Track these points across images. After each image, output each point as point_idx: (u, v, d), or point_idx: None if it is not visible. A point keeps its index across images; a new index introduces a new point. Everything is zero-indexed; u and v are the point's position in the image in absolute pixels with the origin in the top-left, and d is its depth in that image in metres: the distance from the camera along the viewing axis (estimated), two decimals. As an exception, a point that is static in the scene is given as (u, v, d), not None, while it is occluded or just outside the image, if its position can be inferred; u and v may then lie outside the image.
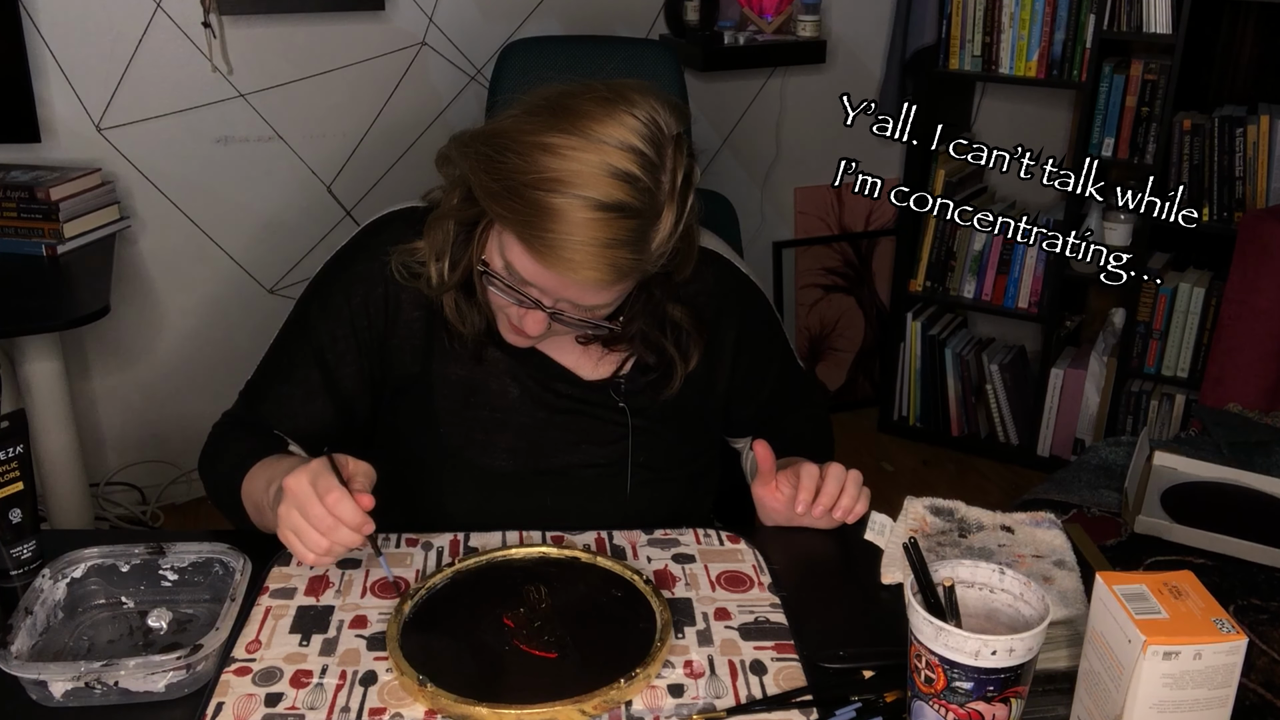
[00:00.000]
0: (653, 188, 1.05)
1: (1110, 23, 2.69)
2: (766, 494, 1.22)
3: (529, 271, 1.08)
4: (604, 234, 1.03)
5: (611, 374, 1.27)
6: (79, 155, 2.44)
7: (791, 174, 3.23)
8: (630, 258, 1.05)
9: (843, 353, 3.41)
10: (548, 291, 1.10)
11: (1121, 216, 2.85)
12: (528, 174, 1.03)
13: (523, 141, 1.05)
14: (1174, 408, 2.89)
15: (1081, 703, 0.89)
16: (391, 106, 2.70)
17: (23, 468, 1.09)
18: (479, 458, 1.25)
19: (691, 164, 1.10)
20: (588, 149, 1.03)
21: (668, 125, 1.07)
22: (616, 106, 1.05)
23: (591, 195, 1.02)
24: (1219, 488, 1.72)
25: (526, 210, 1.04)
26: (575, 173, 1.02)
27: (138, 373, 2.68)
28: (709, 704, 0.94)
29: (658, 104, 1.08)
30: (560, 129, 1.04)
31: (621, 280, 1.08)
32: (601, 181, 1.02)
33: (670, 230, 1.08)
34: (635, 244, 1.05)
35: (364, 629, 1.02)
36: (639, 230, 1.05)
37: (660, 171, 1.06)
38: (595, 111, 1.05)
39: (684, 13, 2.92)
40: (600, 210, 1.02)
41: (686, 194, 1.09)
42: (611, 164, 1.02)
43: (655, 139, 1.05)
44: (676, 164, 1.07)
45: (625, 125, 1.04)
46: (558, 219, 1.02)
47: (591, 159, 1.02)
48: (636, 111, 1.05)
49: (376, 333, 1.25)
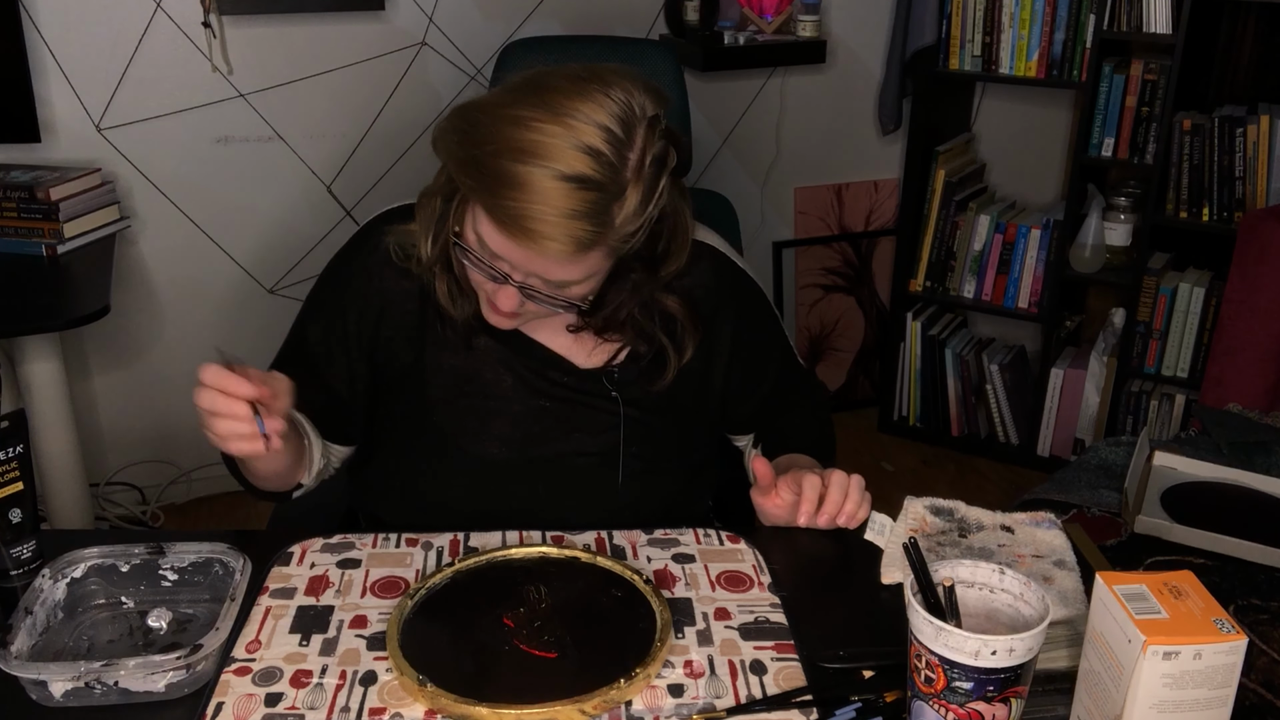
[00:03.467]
0: (617, 164, 1.06)
1: (1110, 23, 2.68)
2: (767, 502, 1.22)
3: (496, 243, 1.09)
4: (565, 204, 1.04)
5: (605, 363, 1.28)
6: (79, 155, 2.44)
7: (791, 174, 3.23)
8: (591, 230, 1.06)
9: (843, 353, 3.41)
10: (516, 265, 1.11)
11: (1121, 216, 2.86)
12: (494, 144, 1.05)
13: (495, 114, 1.07)
14: (1174, 408, 2.88)
15: (1081, 703, 0.89)
16: (391, 106, 2.70)
17: (23, 468, 1.09)
18: (472, 446, 1.26)
19: (667, 148, 1.11)
20: (555, 122, 1.04)
21: (641, 107, 1.09)
22: (589, 84, 1.07)
23: (555, 166, 1.03)
24: (1219, 488, 1.72)
25: (491, 180, 1.05)
26: (540, 144, 1.04)
27: (138, 373, 2.68)
28: (709, 704, 0.94)
29: (634, 86, 1.09)
30: (530, 103, 1.06)
31: (583, 253, 1.08)
32: (566, 153, 1.03)
33: (636, 209, 1.08)
34: (596, 216, 1.05)
35: (364, 629, 1.02)
36: (601, 203, 1.05)
37: (627, 149, 1.07)
38: (567, 88, 1.07)
39: (684, 13, 2.92)
40: (562, 180, 1.03)
41: (657, 176, 1.10)
42: (577, 138, 1.04)
43: (625, 117, 1.07)
44: (647, 144, 1.08)
45: (595, 102, 1.06)
46: (520, 188, 1.04)
47: (557, 130, 1.04)
48: (609, 90, 1.07)
49: (368, 328, 1.27)
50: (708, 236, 1.33)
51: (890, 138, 3.23)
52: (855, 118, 3.23)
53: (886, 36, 3.10)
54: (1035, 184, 3.26)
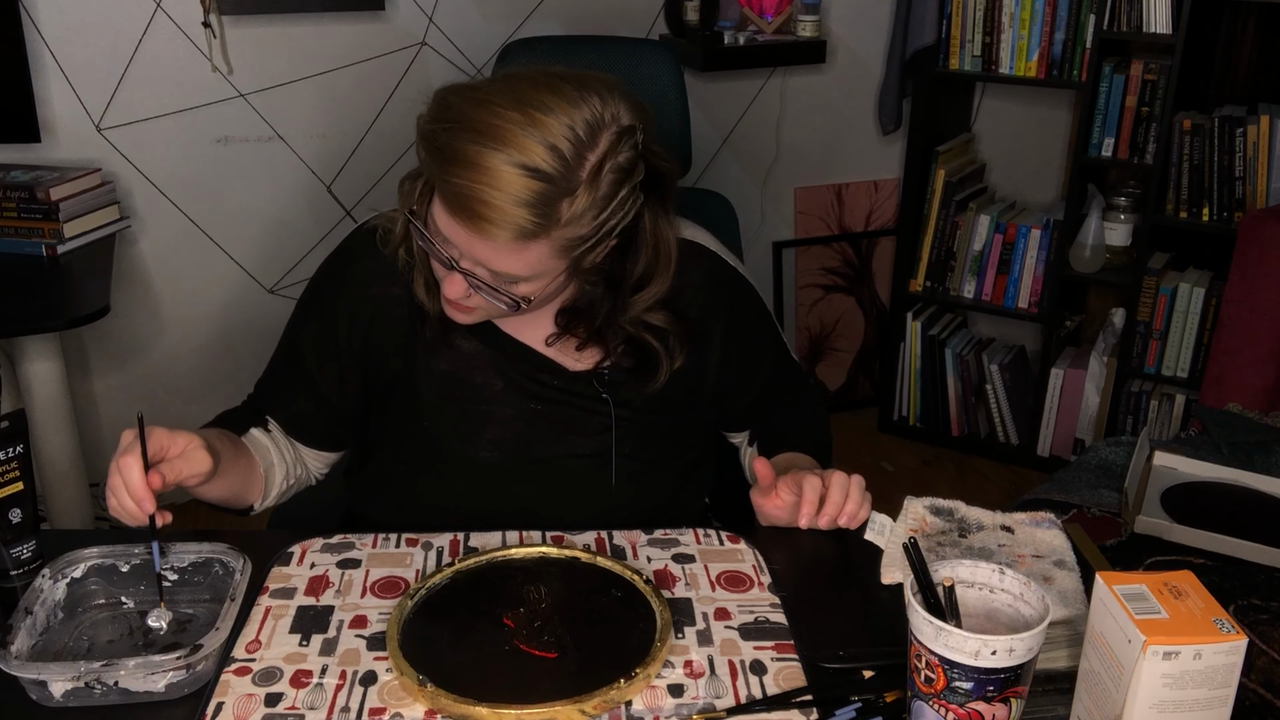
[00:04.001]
0: (572, 162, 1.06)
1: (1110, 23, 2.68)
2: (767, 503, 1.22)
3: (444, 224, 1.10)
4: (511, 189, 1.04)
5: (595, 365, 1.28)
6: (79, 155, 2.44)
7: (791, 174, 3.23)
8: (534, 220, 1.05)
9: (843, 353, 3.41)
10: (461, 250, 1.11)
11: (1121, 216, 2.86)
12: (457, 123, 1.06)
13: (465, 96, 1.08)
14: (1174, 408, 2.88)
15: (1081, 703, 0.89)
16: (391, 106, 2.70)
17: (23, 468, 1.09)
18: (464, 449, 1.27)
19: (636, 161, 1.10)
20: (518, 110, 1.05)
21: (615, 115, 1.09)
22: (564, 84, 1.07)
23: (509, 152, 1.04)
24: (1219, 488, 1.72)
25: (446, 156, 1.06)
26: (498, 129, 1.04)
27: (138, 373, 2.68)
28: (709, 704, 0.94)
29: (612, 96, 1.09)
30: (501, 91, 1.07)
31: (524, 242, 1.07)
32: (522, 142, 1.04)
33: (585, 210, 1.07)
34: (541, 207, 1.05)
35: (364, 629, 1.02)
36: (548, 196, 1.05)
37: (587, 150, 1.06)
38: (541, 83, 1.07)
39: (684, 13, 2.92)
40: (512, 166, 1.03)
41: (618, 184, 1.09)
42: (537, 131, 1.04)
43: (592, 121, 1.07)
44: (610, 150, 1.08)
45: (566, 100, 1.06)
46: (469, 167, 1.04)
47: (519, 119, 1.04)
48: (584, 94, 1.07)
49: (359, 335, 1.27)
50: (698, 235, 1.33)
51: (890, 138, 3.23)
52: (855, 118, 3.23)
53: (886, 36, 3.10)
54: (1035, 184, 3.26)
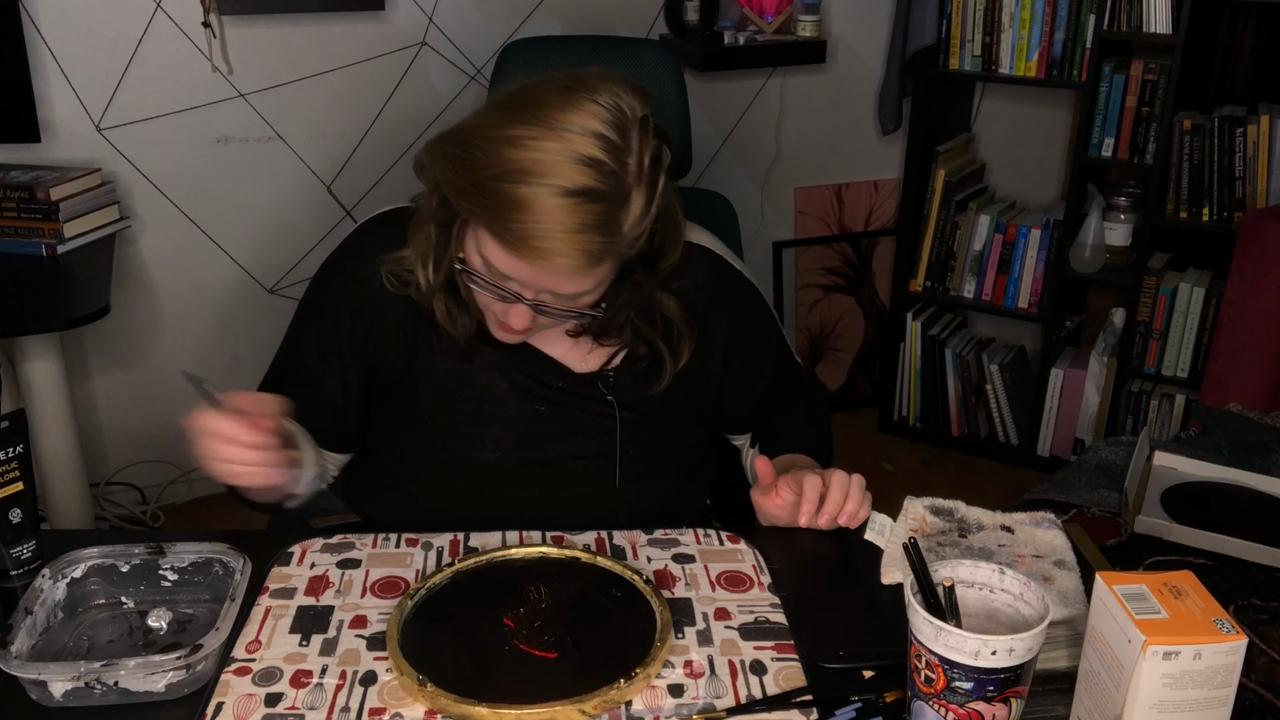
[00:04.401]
0: (618, 171, 1.05)
1: (1110, 23, 2.68)
2: (767, 502, 1.22)
3: (505, 264, 1.09)
4: (573, 219, 1.03)
5: (600, 367, 1.27)
6: (79, 155, 2.44)
7: (791, 174, 3.23)
8: (602, 241, 1.05)
9: (843, 353, 3.41)
10: (526, 283, 1.10)
11: (1121, 216, 2.86)
12: (493, 168, 1.04)
13: (486, 136, 1.06)
14: (1174, 408, 2.88)
15: (1081, 703, 0.89)
16: (391, 106, 2.70)
17: (23, 468, 1.09)
18: (467, 450, 1.26)
19: (660, 145, 1.11)
20: (550, 137, 1.03)
21: (631, 108, 1.08)
22: (576, 93, 1.06)
23: (557, 183, 1.02)
24: (1219, 488, 1.72)
25: (495, 203, 1.04)
26: (539, 162, 1.03)
27: (138, 373, 2.68)
28: (709, 704, 0.94)
29: (619, 88, 1.08)
30: (522, 120, 1.05)
31: (595, 265, 1.08)
32: (566, 168, 1.03)
33: (641, 212, 1.08)
34: (605, 227, 1.05)
35: (364, 629, 1.02)
36: (608, 214, 1.05)
37: (626, 154, 1.06)
38: (555, 100, 1.06)
39: (684, 13, 2.92)
40: (567, 196, 1.02)
41: (656, 175, 1.10)
42: (575, 150, 1.03)
43: (618, 123, 1.06)
44: (643, 146, 1.08)
45: (586, 111, 1.05)
46: (526, 209, 1.03)
47: (555, 147, 1.03)
48: (598, 97, 1.06)
49: (361, 335, 1.26)
50: (701, 237, 1.33)
51: (890, 138, 3.24)
52: (855, 118, 3.23)
53: (886, 36, 3.10)
54: (1035, 184, 3.26)
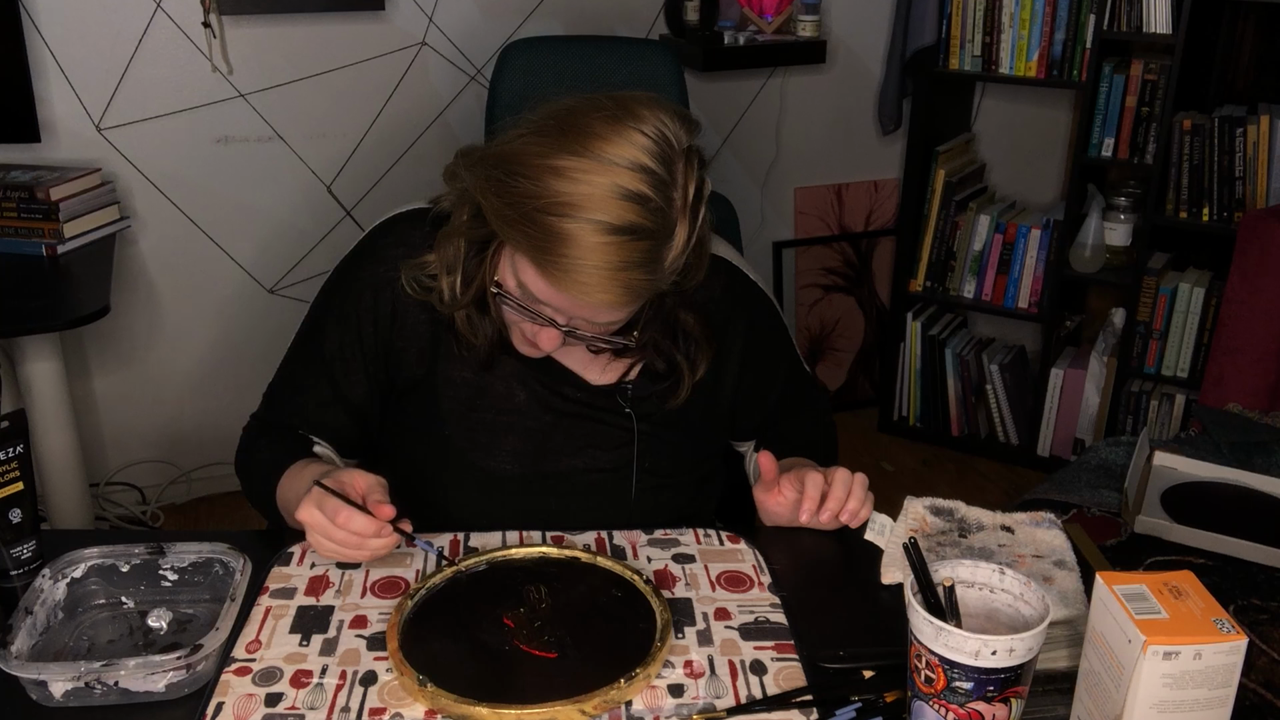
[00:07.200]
0: (664, 206, 1.04)
1: (1110, 23, 2.68)
2: (769, 499, 1.22)
3: (543, 293, 1.08)
4: (617, 257, 1.02)
5: (618, 379, 1.27)
6: (79, 155, 2.44)
7: (791, 174, 3.23)
8: (644, 279, 1.05)
9: (843, 353, 3.41)
10: (561, 311, 1.10)
11: (1121, 216, 2.86)
12: (539, 198, 1.03)
13: (532, 165, 1.04)
14: (1174, 408, 2.88)
15: (1081, 703, 0.89)
16: (391, 106, 2.70)
17: (23, 468, 1.09)
18: (483, 460, 1.25)
19: (703, 177, 1.09)
20: (598, 171, 1.02)
21: (678, 139, 1.06)
22: (624, 124, 1.04)
23: (603, 219, 1.01)
24: (1219, 488, 1.72)
25: (539, 235, 1.03)
26: (586, 196, 1.01)
27: (138, 373, 2.68)
28: (709, 704, 0.94)
29: (666, 117, 1.06)
30: (569, 150, 1.03)
31: (636, 300, 1.09)
32: (613, 204, 1.01)
33: (683, 247, 1.08)
34: (649, 265, 1.05)
35: (364, 629, 1.02)
36: (652, 251, 1.04)
37: (671, 189, 1.05)
38: (604, 130, 1.03)
39: (684, 13, 2.92)
40: (613, 234, 1.01)
41: (699, 208, 1.08)
42: (622, 185, 1.01)
43: (665, 155, 1.04)
44: (688, 179, 1.06)
45: (634, 144, 1.03)
46: (570, 243, 1.02)
47: (602, 181, 1.01)
48: (645, 128, 1.04)
49: (382, 337, 1.25)
50: (719, 248, 1.32)
51: (890, 138, 3.24)
52: (855, 118, 3.23)
53: (886, 36, 3.10)
54: (1035, 184, 3.26)
